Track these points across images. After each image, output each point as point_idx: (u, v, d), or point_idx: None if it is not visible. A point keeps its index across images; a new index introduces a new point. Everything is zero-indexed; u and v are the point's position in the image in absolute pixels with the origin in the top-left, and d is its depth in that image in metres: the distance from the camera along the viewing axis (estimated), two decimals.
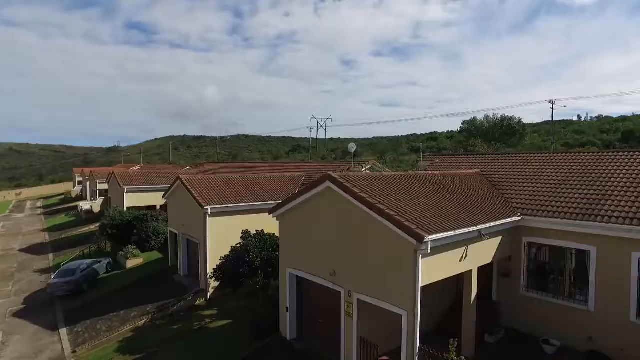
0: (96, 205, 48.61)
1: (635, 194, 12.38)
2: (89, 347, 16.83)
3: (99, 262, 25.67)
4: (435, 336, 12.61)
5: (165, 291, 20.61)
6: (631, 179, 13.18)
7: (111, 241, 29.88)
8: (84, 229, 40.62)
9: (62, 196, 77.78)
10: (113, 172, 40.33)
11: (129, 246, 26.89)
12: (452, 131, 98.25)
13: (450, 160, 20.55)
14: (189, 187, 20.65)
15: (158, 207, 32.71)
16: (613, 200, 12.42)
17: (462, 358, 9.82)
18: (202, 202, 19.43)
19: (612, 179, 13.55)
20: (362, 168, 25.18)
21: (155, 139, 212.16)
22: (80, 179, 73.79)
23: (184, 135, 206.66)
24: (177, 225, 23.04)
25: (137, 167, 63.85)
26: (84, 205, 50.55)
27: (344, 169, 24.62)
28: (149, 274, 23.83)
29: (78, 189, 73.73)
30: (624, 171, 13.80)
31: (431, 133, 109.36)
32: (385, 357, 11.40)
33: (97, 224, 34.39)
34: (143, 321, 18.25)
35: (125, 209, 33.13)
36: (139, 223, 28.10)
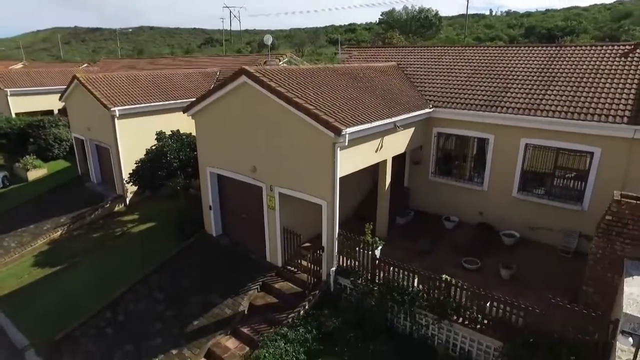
0: None
1: (529, 86, 13.51)
2: None
3: None
4: (353, 221, 13.74)
5: (79, 201, 19.48)
6: (528, 73, 14.24)
7: (1, 153, 26.60)
8: None
9: None
10: None
11: (27, 157, 24.21)
12: (370, 23, 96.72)
13: (368, 53, 20.44)
14: (89, 87, 18.48)
15: (56, 112, 29.22)
16: (512, 93, 13.49)
17: (376, 238, 10.93)
18: (108, 104, 17.69)
19: (513, 73, 14.53)
20: (280, 61, 24.17)
21: (38, 30, 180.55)
22: None
23: (75, 27, 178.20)
24: (81, 130, 21.02)
25: (19, 65, 54.67)
26: None
27: (260, 62, 23.47)
28: (57, 184, 22.09)
29: None
30: (523, 65, 14.82)
31: (350, 24, 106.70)
32: (308, 244, 12.31)
33: None
34: (59, 233, 17.38)
35: (13, 115, 29.10)
36: (34, 130, 25.05)
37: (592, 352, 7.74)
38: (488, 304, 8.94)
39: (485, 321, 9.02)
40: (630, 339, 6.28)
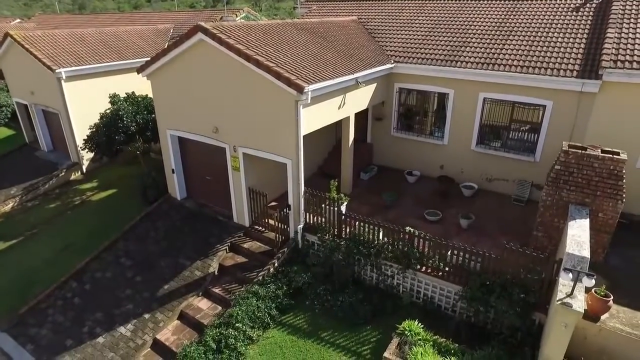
0: None
1: (488, 40, 13.69)
2: None
3: None
4: (318, 178, 13.96)
5: (30, 170, 18.46)
6: (486, 27, 14.39)
7: None
8: None
9: None
10: None
11: None
12: None
13: (328, 7, 19.88)
14: (27, 46, 17.03)
15: None
16: (470, 47, 13.64)
17: (342, 194, 11.14)
18: (52, 65, 16.44)
19: (472, 27, 14.64)
20: (237, 17, 23.13)
21: None
22: None
23: None
24: (24, 95, 19.55)
25: None
26: None
27: (216, 18, 22.39)
28: (2, 154, 20.78)
29: None
30: (481, 19, 14.92)
31: None
32: (274, 203, 12.41)
33: None
34: (10, 205, 16.51)
35: None
36: None
37: (539, 289, 8.49)
38: (449, 253, 9.48)
39: (447, 268, 9.60)
40: (570, 275, 6.93)
